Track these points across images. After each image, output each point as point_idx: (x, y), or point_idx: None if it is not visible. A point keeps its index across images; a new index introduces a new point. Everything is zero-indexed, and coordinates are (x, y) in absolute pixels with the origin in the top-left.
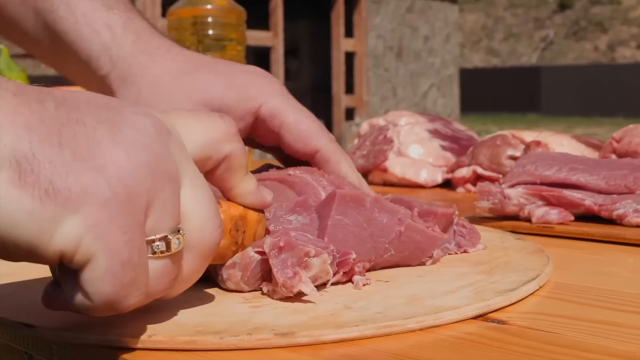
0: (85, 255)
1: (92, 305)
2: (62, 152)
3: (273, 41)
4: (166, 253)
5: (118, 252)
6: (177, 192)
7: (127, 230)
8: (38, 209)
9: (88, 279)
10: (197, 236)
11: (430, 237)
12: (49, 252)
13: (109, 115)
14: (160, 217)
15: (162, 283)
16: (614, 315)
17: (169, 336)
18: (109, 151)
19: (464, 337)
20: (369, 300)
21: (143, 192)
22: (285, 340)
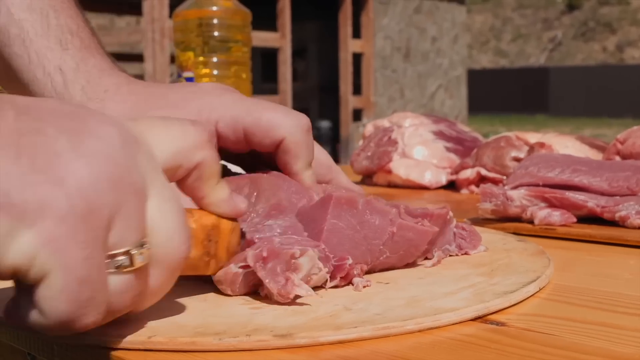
0: (40, 272)
1: (46, 324)
2: (19, 164)
3: (280, 42)
4: (129, 268)
5: (75, 269)
6: (142, 205)
7: (85, 246)
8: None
9: (43, 296)
10: (163, 250)
11: (422, 232)
12: (2, 266)
13: (73, 124)
14: (124, 231)
15: (126, 299)
16: (614, 317)
17: (169, 337)
18: (69, 163)
19: (462, 339)
20: (369, 302)
21: (104, 206)
22: (284, 342)
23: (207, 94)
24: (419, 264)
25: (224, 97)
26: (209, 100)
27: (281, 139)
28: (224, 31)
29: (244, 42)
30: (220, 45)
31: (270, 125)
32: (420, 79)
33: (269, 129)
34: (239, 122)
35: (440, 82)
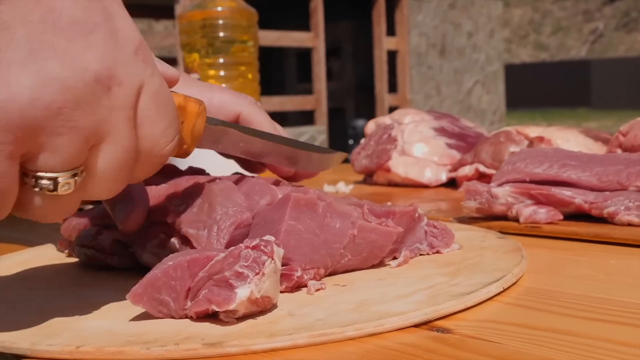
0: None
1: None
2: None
3: (314, 42)
4: (53, 192)
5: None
6: (85, 138)
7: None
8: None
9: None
10: (145, 146)
11: (385, 233)
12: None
13: (51, 38)
14: (53, 159)
15: (50, 216)
16: (570, 323)
17: (97, 347)
18: (13, 73)
19: (396, 348)
20: (316, 307)
21: (27, 129)
22: (214, 351)
23: None
24: (387, 264)
25: None
26: None
27: (237, 114)
28: (229, 32)
29: (250, 42)
30: (226, 46)
31: (222, 103)
32: (457, 75)
33: (222, 107)
34: None
35: (477, 77)
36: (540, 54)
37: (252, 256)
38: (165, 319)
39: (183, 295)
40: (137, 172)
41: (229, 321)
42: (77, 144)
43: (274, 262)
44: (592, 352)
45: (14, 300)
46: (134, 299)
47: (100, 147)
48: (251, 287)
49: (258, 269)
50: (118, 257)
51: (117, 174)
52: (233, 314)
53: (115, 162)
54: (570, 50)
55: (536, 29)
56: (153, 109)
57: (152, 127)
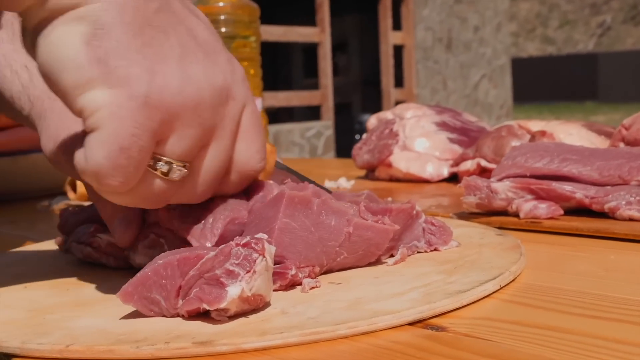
0: (95, 123)
1: (83, 166)
2: (132, 41)
3: (320, 37)
4: (164, 176)
5: (120, 137)
6: (204, 138)
7: (138, 126)
8: (86, 66)
9: (89, 142)
10: (242, 159)
11: (381, 230)
12: (75, 103)
13: (202, 48)
14: (177, 146)
15: (152, 198)
16: (565, 320)
17: (87, 345)
18: (172, 67)
19: (389, 347)
20: (310, 305)
21: (170, 114)
22: (204, 349)
23: None
24: (383, 262)
25: None
26: None
27: None
28: (231, 27)
29: (251, 37)
30: (227, 41)
31: None
32: (463, 69)
33: None
34: None
35: (484, 71)
36: (547, 48)
37: (243, 254)
38: (157, 318)
39: (174, 294)
40: (229, 184)
41: (221, 319)
42: (197, 139)
43: (266, 260)
44: (585, 349)
45: (8, 298)
46: (124, 298)
47: (207, 149)
48: (242, 285)
49: (249, 266)
50: (114, 258)
51: (212, 178)
52: (225, 313)
53: (214, 166)
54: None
55: (543, 23)
56: (251, 127)
57: (251, 142)
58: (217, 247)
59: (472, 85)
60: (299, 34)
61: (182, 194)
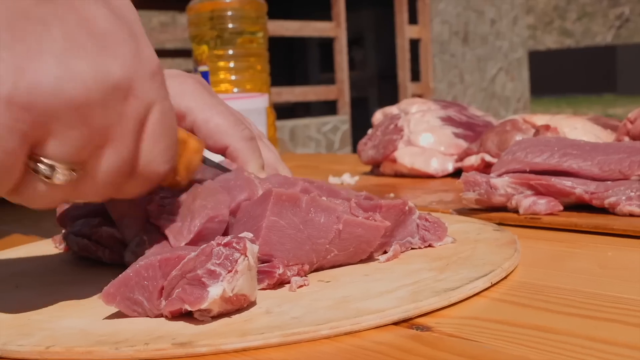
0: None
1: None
2: (6, 36)
3: (336, 31)
4: (47, 180)
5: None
6: (94, 136)
7: (2, 128)
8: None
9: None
10: (144, 161)
11: (373, 227)
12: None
13: (83, 38)
14: (59, 149)
15: (38, 201)
16: (553, 320)
17: (66, 347)
18: (45, 62)
19: (369, 347)
20: (295, 304)
21: (44, 115)
22: (183, 351)
23: (170, 77)
24: (376, 259)
25: (185, 85)
26: (169, 84)
27: (226, 146)
28: (238, 23)
29: (259, 33)
30: (235, 37)
31: (217, 130)
32: (480, 62)
33: (215, 133)
34: (191, 114)
35: (501, 65)
36: (565, 40)
37: (225, 253)
38: (141, 318)
39: (156, 295)
40: (130, 185)
41: (204, 320)
42: (84, 140)
43: (248, 259)
44: (569, 350)
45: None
46: (106, 299)
47: (102, 150)
48: (224, 285)
49: (230, 266)
50: (110, 251)
51: (111, 179)
52: (208, 313)
53: (112, 167)
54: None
55: (561, 15)
56: (158, 128)
57: (154, 144)
58: (199, 247)
59: (489, 78)
60: (315, 28)
61: (78, 195)
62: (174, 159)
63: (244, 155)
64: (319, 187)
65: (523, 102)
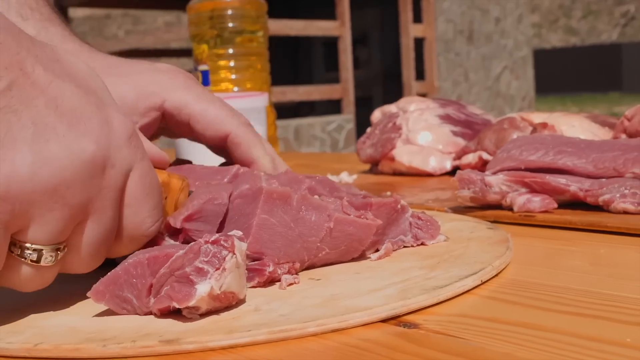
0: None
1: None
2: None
3: (340, 30)
4: (35, 264)
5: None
6: (75, 216)
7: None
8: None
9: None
10: (132, 226)
11: (364, 225)
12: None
13: (55, 121)
14: (40, 232)
15: (28, 285)
16: (541, 317)
17: (54, 344)
18: (18, 151)
19: (356, 345)
20: (284, 302)
21: (23, 203)
22: (170, 348)
23: (161, 72)
24: (368, 257)
25: (176, 80)
26: (160, 78)
27: (227, 134)
28: (238, 22)
29: (259, 32)
30: (235, 36)
31: (216, 120)
32: (485, 61)
33: (214, 123)
34: (187, 107)
35: (506, 63)
36: (570, 39)
37: (212, 251)
38: (130, 316)
39: (145, 292)
40: (121, 248)
41: (192, 317)
42: (65, 220)
43: (236, 257)
44: (556, 347)
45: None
46: (95, 297)
47: (84, 224)
48: (211, 282)
49: (218, 264)
50: None
51: (96, 251)
52: (196, 310)
53: (96, 239)
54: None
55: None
56: (140, 191)
57: (139, 208)
58: (187, 245)
59: (494, 77)
60: (319, 27)
61: (67, 269)
62: (161, 216)
63: (247, 140)
64: (321, 184)
65: (528, 101)
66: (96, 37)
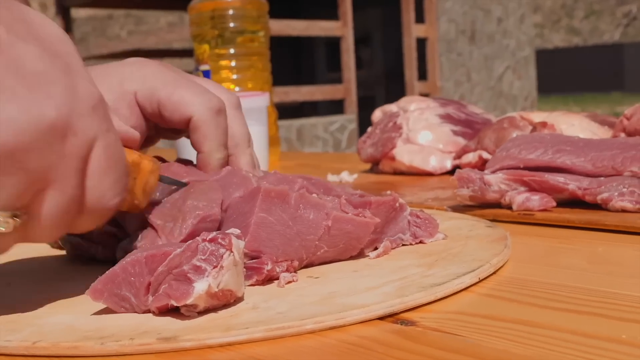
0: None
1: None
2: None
3: (342, 30)
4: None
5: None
6: (32, 180)
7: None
8: None
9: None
10: (92, 197)
11: (362, 223)
12: None
13: (5, 82)
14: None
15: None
16: (537, 314)
17: (53, 342)
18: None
19: (353, 342)
20: (282, 299)
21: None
22: (168, 345)
23: (130, 66)
24: (367, 255)
25: (144, 70)
26: (130, 71)
27: (189, 117)
28: (239, 22)
29: (260, 32)
30: (236, 36)
31: (180, 101)
32: (487, 61)
33: (179, 105)
34: (154, 94)
35: (508, 63)
36: (573, 39)
37: (210, 249)
38: (128, 314)
39: (143, 291)
40: (82, 221)
41: (190, 315)
42: (23, 185)
43: (233, 255)
44: (552, 343)
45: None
46: (94, 295)
47: (45, 192)
48: (209, 280)
49: (216, 262)
50: (102, 247)
51: (58, 220)
52: (194, 308)
53: (58, 208)
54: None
55: (568, 14)
56: (103, 162)
57: (101, 179)
58: (184, 243)
59: (496, 77)
60: (322, 28)
61: (28, 238)
62: (124, 191)
63: (205, 128)
64: (315, 185)
65: (530, 101)
66: (98, 37)
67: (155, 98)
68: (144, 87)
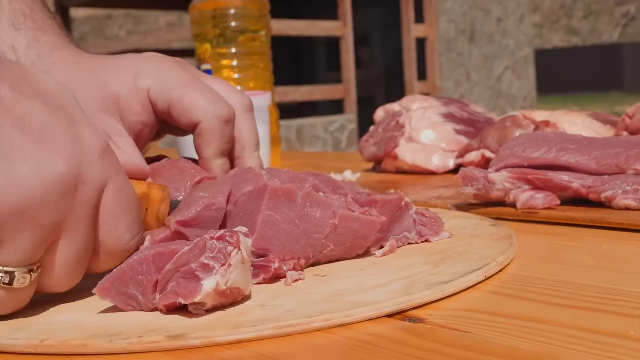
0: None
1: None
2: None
3: (342, 30)
4: (7, 286)
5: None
6: (45, 236)
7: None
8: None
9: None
10: (110, 242)
11: (369, 222)
12: None
13: (13, 141)
14: (11, 255)
15: (2, 308)
16: (543, 310)
17: (60, 340)
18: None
19: (362, 339)
20: (289, 297)
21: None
22: (177, 343)
23: (146, 61)
24: (372, 253)
25: (160, 67)
26: (146, 67)
27: (197, 122)
28: (240, 21)
29: (261, 31)
30: (237, 35)
31: (190, 105)
32: (486, 61)
33: (188, 109)
34: (167, 94)
35: (507, 63)
36: (571, 39)
37: (218, 247)
38: (135, 312)
39: (150, 289)
40: (101, 265)
41: (198, 313)
42: (37, 241)
43: (241, 253)
44: (558, 339)
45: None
46: (101, 293)
47: (58, 243)
48: (217, 278)
49: (224, 259)
50: None
51: (72, 269)
52: (202, 306)
53: (70, 258)
54: (602, 34)
55: (567, 14)
56: (116, 206)
57: (116, 223)
58: (192, 241)
59: (496, 77)
60: (322, 28)
61: (43, 288)
62: (140, 229)
63: (210, 136)
64: (324, 182)
65: (529, 101)
66: (97, 37)
67: (167, 98)
68: (157, 84)
